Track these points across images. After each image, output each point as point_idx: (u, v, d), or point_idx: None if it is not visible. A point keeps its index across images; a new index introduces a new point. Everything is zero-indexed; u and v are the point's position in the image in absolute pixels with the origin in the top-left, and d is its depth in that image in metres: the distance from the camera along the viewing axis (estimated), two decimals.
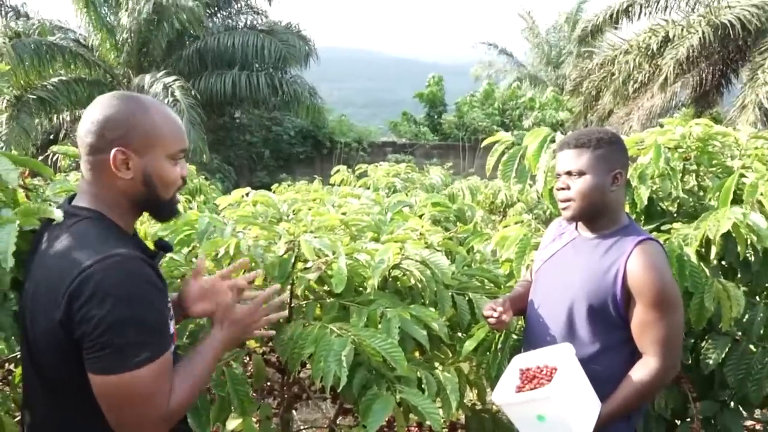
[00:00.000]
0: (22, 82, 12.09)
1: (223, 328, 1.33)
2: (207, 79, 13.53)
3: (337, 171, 5.13)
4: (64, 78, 12.57)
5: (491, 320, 1.74)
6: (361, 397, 1.76)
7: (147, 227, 2.46)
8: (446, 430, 2.35)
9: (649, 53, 10.59)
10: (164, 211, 1.28)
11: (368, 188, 4.71)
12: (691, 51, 9.65)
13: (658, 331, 1.56)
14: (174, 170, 1.23)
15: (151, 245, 1.32)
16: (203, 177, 6.40)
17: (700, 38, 9.70)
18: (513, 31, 23.10)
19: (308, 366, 1.79)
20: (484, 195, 5.92)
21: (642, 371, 1.60)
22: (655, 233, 2.09)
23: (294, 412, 2.91)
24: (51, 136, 13.64)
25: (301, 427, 2.64)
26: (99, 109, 1.17)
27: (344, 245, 1.89)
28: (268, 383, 2.50)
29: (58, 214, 1.15)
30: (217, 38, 13.77)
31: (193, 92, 12.43)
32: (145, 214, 1.30)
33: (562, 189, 1.67)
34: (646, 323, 1.57)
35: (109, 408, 1.09)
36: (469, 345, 1.94)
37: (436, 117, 18.00)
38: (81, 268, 1.05)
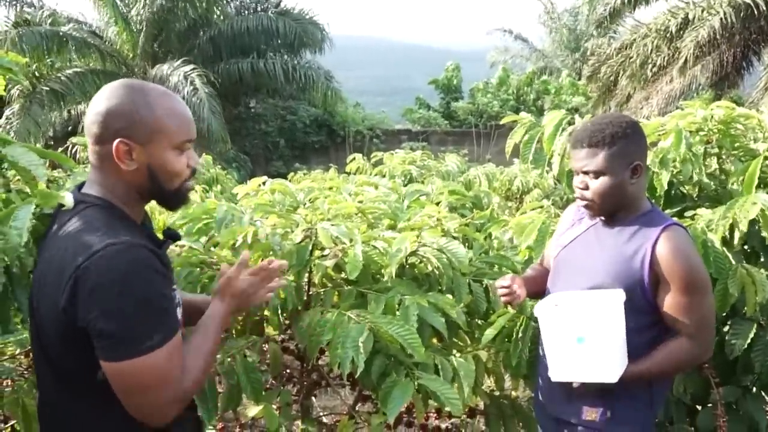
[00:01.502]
0: (33, 72, 12.16)
1: (224, 301, 1.32)
2: (222, 68, 13.55)
3: (353, 159, 5.12)
4: (78, 70, 12.62)
5: (504, 294, 1.70)
6: (380, 383, 1.77)
7: (166, 217, 2.48)
8: (465, 416, 2.35)
9: (667, 36, 10.40)
10: (170, 200, 1.26)
11: (384, 176, 4.72)
12: (711, 33, 9.46)
13: (692, 313, 1.54)
14: (179, 161, 1.21)
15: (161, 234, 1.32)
16: (220, 167, 6.45)
17: (721, 19, 9.51)
18: (529, 16, 22.84)
19: (327, 353, 1.80)
20: (500, 181, 5.88)
21: (676, 346, 1.57)
22: (677, 218, 2.07)
23: (314, 398, 2.93)
24: (69, 128, 13.76)
25: (321, 414, 2.65)
26: (104, 98, 1.16)
27: (361, 233, 1.88)
28: (288, 370, 2.52)
29: (68, 200, 1.16)
30: (230, 23, 13.75)
31: (212, 78, 12.44)
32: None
33: (580, 188, 1.63)
34: (679, 307, 1.54)
35: (126, 393, 1.09)
36: (490, 333, 1.93)
37: (451, 103, 17.87)
38: (87, 254, 1.05)
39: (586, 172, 1.59)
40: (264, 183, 2.40)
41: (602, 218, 1.70)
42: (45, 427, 1.23)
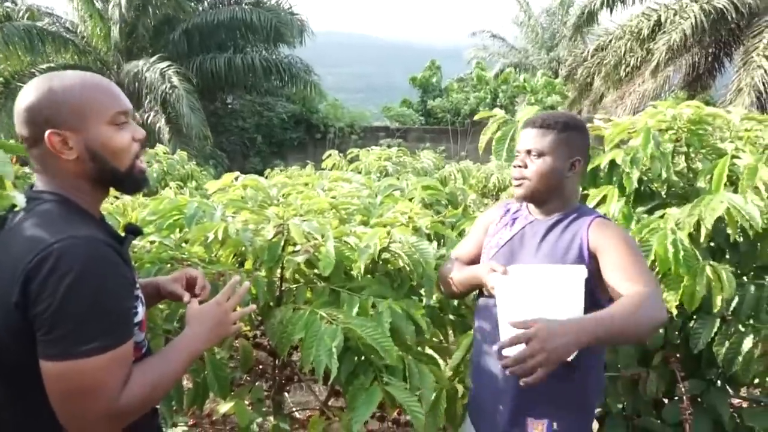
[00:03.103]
0: (12, 67, 11.96)
1: (193, 326, 1.24)
2: (198, 63, 13.43)
3: (329, 156, 5.12)
4: (53, 65, 12.42)
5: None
6: (349, 384, 1.77)
7: (137, 213, 2.45)
8: None
9: (640, 38, 10.56)
10: (126, 182, 1.19)
11: (360, 172, 4.72)
12: (683, 36, 9.63)
13: (639, 270, 1.46)
14: (121, 136, 1.14)
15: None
16: (195, 163, 6.39)
17: (692, 23, 9.68)
18: (507, 15, 22.98)
19: (299, 349, 1.79)
20: (477, 178, 5.91)
21: (636, 292, 1.41)
22: (646, 216, 2.11)
23: (286, 394, 2.92)
24: None
25: (294, 409, 2.65)
26: (23, 97, 1.10)
27: (333, 228, 1.88)
28: (260, 366, 2.50)
29: (20, 199, 1.09)
30: (204, 17, 13.62)
31: (189, 76, 12.32)
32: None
33: (519, 167, 1.63)
34: (623, 267, 1.47)
35: (53, 397, 1.02)
36: (458, 356, 1.95)
37: (428, 101, 17.94)
38: (39, 248, 0.99)
39: (529, 151, 1.61)
40: (236, 179, 2.38)
41: (533, 212, 1.69)
42: None
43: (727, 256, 2.16)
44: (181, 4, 12.38)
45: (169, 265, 1.87)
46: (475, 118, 2.53)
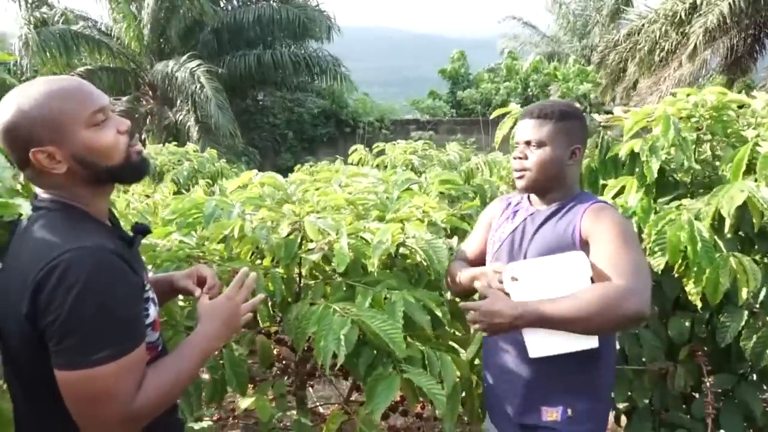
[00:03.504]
0: (49, 71, 12.29)
1: (204, 323, 1.24)
2: (229, 61, 13.59)
3: (355, 150, 5.12)
4: (90, 67, 12.75)
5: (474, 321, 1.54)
6: (367, 376, 1.78)
7: (160, 211, 2.49)
8: None
9: (676, 21, 10.27)
10: (125, 173, 1.17)
11: (386, 166, 4.72)
12: (720, 18, 9.32)
13: (622, 259, 1.41)
14: (103, 134, 1.12)
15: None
16: (224, 160, 6.46)
17: (729, 4, 9.36)
18: (538, 2, 22.59)
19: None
20: (507, 169, 5.83)
21: (608, 284, 1.40)
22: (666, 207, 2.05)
23: (311, 389, 2.95)
24: None
25: (318, 404, 2.67)
26: None
27: (347, 224, 1.88)
28: (284, 361, 2.53)
29: (26, 208, 1.10)
30: (233, 15, 13.78)
31: (219, 72, 12.48)
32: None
33: (519, 158, 1.62)
34: (609, 255, 1.43)
35: (70, 404, 1.04)
36: (471, 350, 1.93)
37: (458, 93, 17.80)
38: (47, 259, 1.00)
39: (528, 142, 1.60)
40: (255, 176, 2.40)
41: (534, 202, 1.68)
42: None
43: (756, 247, 2.10)
44: (204, 9, 12.52)
45: (186, 264, 1.90)
46: (492, 116, 2.50)
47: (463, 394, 1.90)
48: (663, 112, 1.97)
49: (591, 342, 1.45)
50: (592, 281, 1.44)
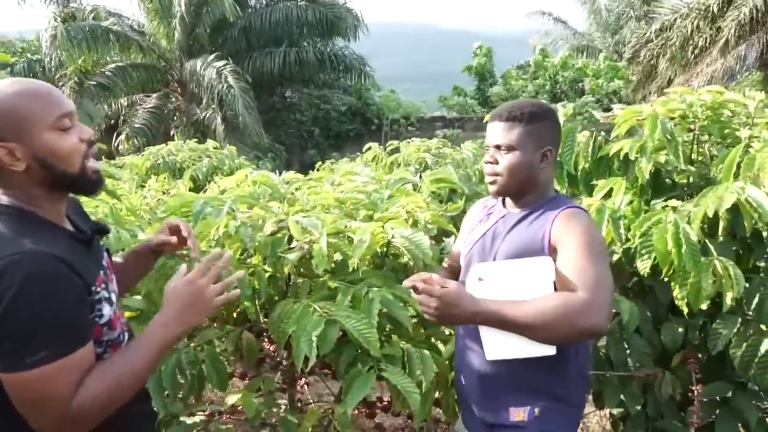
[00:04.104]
0: (83, 67, 12.60)
1: (163, 310, 1.20)
2: (255, 59, 13.75)
3: (369, 148, 5.11)
4: (120, 64, 13.03)
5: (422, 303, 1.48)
6: (347, 374, 1.78)
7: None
8: None
9: (709, 15, 9.99)
10: (80, 184, 1.19)
11: (399, 165, 4.70)
12: (754, 11, 9.03)
13: (587, 272, 1.37)
14: (66, 139, 1.14)
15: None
16: (252, 156, 6.52)
17: None
18: None
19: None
20: None
21: (568, 294, 1.37)
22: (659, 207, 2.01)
23: (306, 387, 2.97)
24: (112, 121, 14.21)
25: (311, 402, 2.69)
26: None
27: (329, 224, 1.89)
28: (278, 359, 2.55)
29: None
30: (261, 15, 13.91)
31: (244, 75, 12.65)
32: None
33: (490, 163, 1.59)
34: (573, 264, 1.40)
35: (16, 406, 1.05)
36: (450, 348, 1.91)
37: (485, 90, 17.64)
38: None
39: (498, 146, 1.57)
40: (250, 174, 2.42)
41: (508, 205, 1.65)
42: None
43: (755, 251, 2.04)
44: (227, 7, 12.67)
45: (172, 260, 1.93)
46: (485, 119, 2.46)
47: (440, 392, 1.89)
48: (651, 112, 1.92)
49: (548, 349, 1.42)
50: (556, 289, 1.42)
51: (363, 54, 15.13)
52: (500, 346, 1.46)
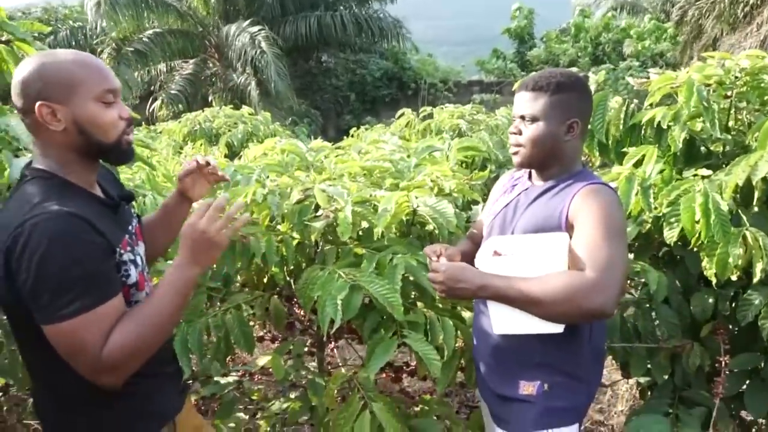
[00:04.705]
0: (121, 34, 12.75)
1: (180, 253, 1.24)
2: (291, 23, 13.69)
3: (401, 114, 5.08)
4: (158, 30, 13.15)
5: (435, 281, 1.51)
6: (370, 340, 1.82)
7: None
8: None
9: None
10: (113, 154, 1.27)
11: (432, 131, 4.67)
12: None
13: (599, 251, 1.34)
14: (107, 112, 1.22)
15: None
16: (289, 122, 6.56)
17: None
18: None
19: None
20: None
21: (575, 272, 1.35)
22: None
23: (336, 351, 3.04)
24: (151, 87, 14.41)
25: (339, 364, 2.76)
26: (18, 72, 1.19)
27: (354, 192, 1.90)
28: (309, 322, 2.62)
29: (13, 174, 1.22)
30: None
31: (278, 42, 12.63)
32: None
33: (514, 134, 1.56)
34: (585, 245, 1.37)
35: (61, 355, 1.14)
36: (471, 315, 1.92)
37: (525, 53, 17.21)
38: (14, 225, 1.10)
39: (522, 117, 1.53)
40: (278, 142, 2.45)
41: (534, 178, 1.63)
42: (32, 384, 1.33)
43: None
44: None
45: None
46: (514, 87, 2.41)
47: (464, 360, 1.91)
48: (687, 78, 1.85)
49: (554, 327, 1.41)
50: (569, 267, 1.40)
51: (400, 17, 14.93)
52: (508, 320, 1.46)
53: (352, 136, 4.73)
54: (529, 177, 1.66)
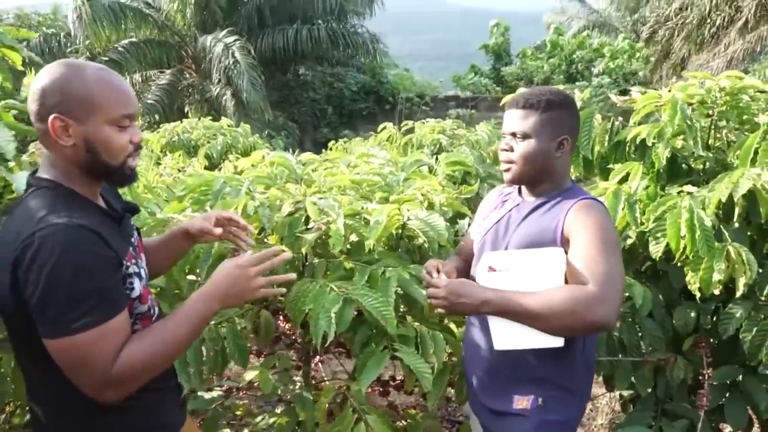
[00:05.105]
0: (102, 44, 12.60)
1: (207, 284, 1.25)
2: (269, 35, 13.69)
3: (384, 128, 5.11)
4: (134, 40, 13.03)
5: (432, 296, 1.53)
6: (361, 353, 1.82)
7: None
8: None
9: None
10: (115, 177, 1.25)
11: (413, 145, 4.71)
12: None
13: (598, 266, 1.37)
14: (119, 137, 1.20)
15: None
16: (265, 135, 6.55)
17: None
18: None
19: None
20: None
21: (578, 286, 1.37)
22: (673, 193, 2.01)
23: (321, 365, 3.03)
24: None
25: (325, 379, 2.74)
26: (40, 77, 1.17)
27: (346, 205, 1.91)
28: (293, 337, 2.60)
29: (19, 183, 1.19)
30: None
31: (252, 51, 12.60)
32: None
33: (505, 150, 1.58)
34: (584, 259, 1.39)
35: (63, 369, 1.12)
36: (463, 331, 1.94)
37: (501, 69, 17.45)
38: (23, 237, 1.08)
39: (513, 134, 1.56)
40: (266, 155, 2.45)
41: (524, 193, 1.65)
42: (29, 395, 1.29)
43: None
44: None
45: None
46: (502, 103, 2.45)
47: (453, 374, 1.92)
48: (671, 97, 1.91)
49: (556, 341, 1.43)
50: (566, 281, 1.42)
51: (378, 32, 15.01)
52: (509, 336, 1.47)
53: (331, 149, 4.74)
54: (519, 193, 1.68)
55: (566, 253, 1.44)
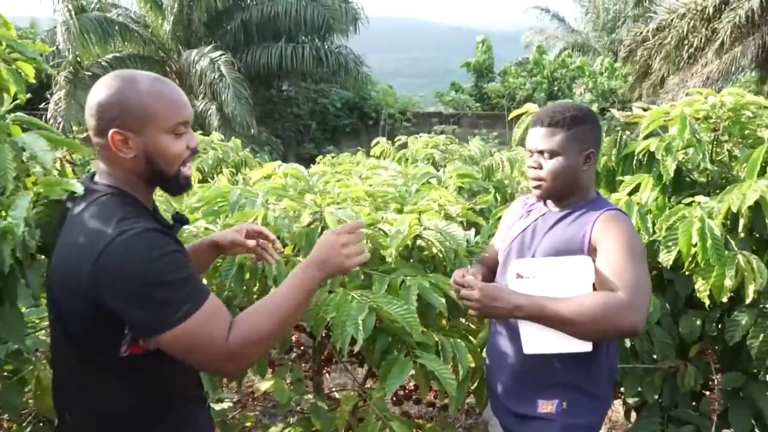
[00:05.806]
0: (89, 57, 12.53)
1: (313, 252, 1.29)
2: (253, 52, 13.74)
3: (377, 143, 5.17)
4: (118, 55, 12.97)
5: (464, 298, 1.57)
6: (382, 361, 1.85)
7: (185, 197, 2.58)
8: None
9: (705, 16, 10.11)
10: (172, 185, 1.29)
11: (407, 160, 4.77)
12: (749, 13, 9.15)
13: (626, 274, 1.43)
14: (176, 144, 1.23)
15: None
16: (248, 150, 6.56)
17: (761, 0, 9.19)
18: None
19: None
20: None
21: (609, 293, 1.43)
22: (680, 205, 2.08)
23: (328, 376, 3.03)
24: None
25: (334, 390, 2.75)
26: (97, 91, 1.21)
27: (365, 215, 1.95)
28: (302, 347, 2.61)
29: (79, 188, 1.21)
30: (261, 8, 13.90)
31: (238, 66, 12.63)
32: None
33: (534, 168, 1.62)
34: (612, 267, 1.45)
35: (180, 358, 1.16)
36: (483, 336, 1.97)
37: (483, 86, 17.70)
38: (105, 242, 1.10)
39: (541, 152, 1.60)
40: (278, 167, 2.47)
41: (549, 204, 1.69)
42: (64, 404, 1.29)
43: None
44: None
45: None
46: (509, 117, 2.53)
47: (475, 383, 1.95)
48: (680, 113, 1.99)
49: (585, 345, 1.48)
50: (594, 288, 1.47)
51: (360, 48, 15.15)
52: (539, 340, 1.51)
53: (318, 163, 4.79)
54: (545, 203, 1.72)
55: (593, 261, 1.49)
